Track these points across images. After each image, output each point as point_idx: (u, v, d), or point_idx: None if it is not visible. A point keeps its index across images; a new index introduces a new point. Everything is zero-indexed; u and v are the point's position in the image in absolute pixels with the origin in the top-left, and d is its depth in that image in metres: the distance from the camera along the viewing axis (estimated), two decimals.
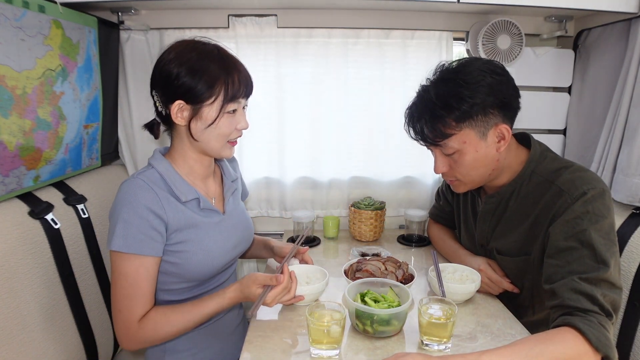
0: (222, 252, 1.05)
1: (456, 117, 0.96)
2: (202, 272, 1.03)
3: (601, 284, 0.86)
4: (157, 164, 1.00)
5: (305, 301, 1.07)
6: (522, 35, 1.48)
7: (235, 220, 1.11)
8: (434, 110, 0.98)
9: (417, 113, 1.03)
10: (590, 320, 0.82)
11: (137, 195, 0.93)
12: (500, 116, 0.98)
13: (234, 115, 0.98)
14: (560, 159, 1.06)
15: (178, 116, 0.95)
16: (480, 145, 0.99)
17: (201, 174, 1.06)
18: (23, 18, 1.00)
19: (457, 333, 0.97)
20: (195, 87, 0.92)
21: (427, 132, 1.01)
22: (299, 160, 1.67)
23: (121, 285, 0.93)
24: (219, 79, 0.93)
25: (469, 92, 0.94)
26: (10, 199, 1.04)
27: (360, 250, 1.44)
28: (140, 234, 0.92)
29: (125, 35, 1.50)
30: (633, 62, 1.27)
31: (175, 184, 0.99)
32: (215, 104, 0.94)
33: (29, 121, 1.06)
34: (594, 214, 0.91)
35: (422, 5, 1.44)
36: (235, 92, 0.95)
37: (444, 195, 1.44)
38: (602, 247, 0.89)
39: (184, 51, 0.95)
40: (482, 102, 0.95)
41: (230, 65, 0.95)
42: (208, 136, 0.97)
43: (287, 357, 0.89)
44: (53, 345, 1.05)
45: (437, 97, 0.97)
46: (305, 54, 1.57)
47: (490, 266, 1.15)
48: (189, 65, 0.92)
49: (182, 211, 0.98)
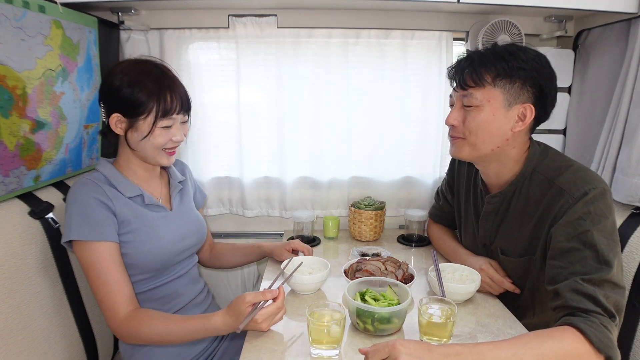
0: (171, 242, 1.10)
1: (499, 70, 0.98)
2: (153, 261, 1.07)
3: (604, 285, 0.86)
4: (102, 168, 1.08)
5: (307, 290, 1.13)
6: (522, 35, 1.48)
7: (183, 216, 1.18)
8: (486, 56, 1.01)
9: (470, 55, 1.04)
10: (592, 321, 0.81)
11: (85, 190, 1.00)
12: (533, 98, 1.00)
13: (169, 129, 1.04)
14: (562, 157, 1.06)
15: (118, 127, 1.03)
16: (499, 112, 1.00)
17: (144, 177, 1.13)
18: (23, 18, 1.01)
19: (457, 333, 0.97)
20: (130, 102, 1.00)
21: (468, 75, 1.01)
22: (299, 160, 1.67)
23: (94, 276, 0.97)
24: (151, 97, 1.00)
25: (524, 56, 0.98)
26: (11, 199, 1.04)
27: (360, 250, 1.44)
28: (95, 221, 0.98)
29: (125, 35, 1.50)
30: (633, 62, 1.27)
31: (118, 183, 1.06)
32: (149, 119, 1.01)
33: (29, 121, 1.06)
34: (595, 215, 0.91)
35: (422, 5, 1.44)
36: (167, 109, 1.01)
37: (443, 195, 1.43)
38: (604, 247, 0.89)
39: (127, 68, 1.02)
40: (528, 71, 0.97)
41: (164, 84, 1.01)
42: (144, 146, 1.04)
43: (287, 357, 0.89)
44: (53, 345, 1.05)
45: (496, 49, 1.02)
46: (305, 54, 1.57)
47: (492, 266, 1.15)
48: (128, 80, 0.99)
49: (128, 205, 1.05)
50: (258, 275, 1.80)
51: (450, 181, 1.39)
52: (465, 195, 1.29)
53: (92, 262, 0.97)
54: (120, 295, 0.97)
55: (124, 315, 0.97)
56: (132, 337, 0.98)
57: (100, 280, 0.97)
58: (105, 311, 0.98)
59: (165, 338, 0.96)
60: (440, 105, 1.64)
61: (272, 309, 0.93)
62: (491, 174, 1.12)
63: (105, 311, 0.98)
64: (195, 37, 1.55)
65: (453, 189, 1.37)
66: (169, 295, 1.13)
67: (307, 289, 1.15)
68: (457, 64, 1.06)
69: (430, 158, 1.70)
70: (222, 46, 1.57)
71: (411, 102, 1.64)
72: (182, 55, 1.55)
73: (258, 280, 1.80)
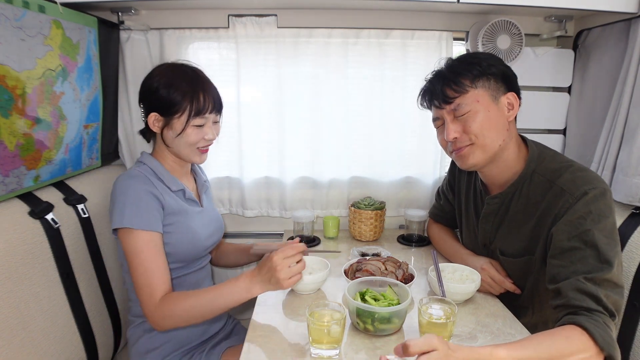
0: (204, 237, 1.19)
1: (475, 74, 1.03)
2: (188, 251, 1.16)
3: (605, 284, 0.87)
4: (148, 161, 1.16)
5: (307, 290, 1.15)
6: (522, 35, 1.48)
7: (209, 213, 1.26)
8: (455, 69, 1.06)
9: (436, 77, 1.09)
10: (595, 320, 0.82)
11: (136, 182, 1.07)
12: (509, 87, 1.06)
13: (201, 128, 1.11)
14: (560, 157, 1.07)
15: (155, 125, 1.12)
16: (492, 107, 1.03)
17: (179, 172, 1.21)
18: (23, 18, 1.01)
19: (457, 333, 0.97)
20: (166, 102, 1.08)
21: (447, 89, 1.05)
22: (299, 160, 1.67)
23: (138, 262, 1.03)
24: (185, 97, 1.07)
25: (485, 57, 1.06)
26: (11, 199, 1.04)
27: (360, 250, 1.44)
28: (148, 212, 1.05)
29: (125, 35, 1.50)
30: (633, 62, 1.27)
31: (164, 176, 1.14)
32: (182, 118, 1.09)
33: (29, 121, 1.06)
34: (596, 214, 0.92)
35: (422, 5, 1.44)
36: (200, 109, 1.09)
37: (444, 194, 1.43)
38: (605, 246, 0.89)
39: (164, 70, 1.11)
40: (495, 67, 1.04)
41: (197, 85, 1.09)
42: (178, 143, 1.12)
43: (287, 357, 0.89)
44: (53, 345, 1.05)
45: (459, 60, 1.09)
46: (305, 54, 1.57)
47: (493, 266, 1.15)
48: (164, 82, 1.08)
49: (173, 198, 1.13)
50: None
51: (452, 181, 1.39)
52: (465, 195, 1.29)
53: (138, 249, 1.03)
54: (160, 281, 1.03)
55: (160, 299, 1.02)
56: (167, 317, 1.01)
57: (144, 267, 1.02)
58: (144, 296, 1.02)
59: (200, 310, 1.01)
60: None
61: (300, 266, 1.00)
62: (491, 175, 1.12)
63: (143, 297, 1.02)
64: (195, 37, 1.55)
65: (454, 189, 1.38)
66: (193, 284, 1.21)
67: (307, 289, 1.15)
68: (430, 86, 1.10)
69: (430, 158, 1.70)
70: (222, 46, 1.57)
71: (411, 102, 1.62)
72: (182, 55, 1.55)
73: None
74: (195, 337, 1.21)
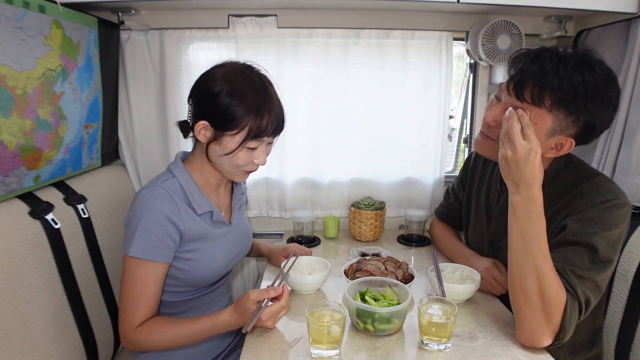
0: (225, 262, 1.12)
1: (562, 102, 0.88)
2: (204, 279, 1.09)
3: (587, 283, 0.90)
4: (179, 173, 1.03)
5: (307, 290, 1.14)
6: (522, 36, 1.49)
7: (239, 232, 1.17)
8: (559, 78, 0.87)
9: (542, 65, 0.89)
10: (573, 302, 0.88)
11: (158, 203, 0.96)
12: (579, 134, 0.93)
13: (253, 150, 0.99)
14: (587, 166, 1.07)
15: (201, 134, 0.98)
16: (540, 137, 0.90)
17: (215, 184, 1.09)
18: (23, 18, 1.01)
19: (457, 333, 0.97)
20: (224, 114, 0.93)
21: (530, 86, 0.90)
22: (299, 161, 1.67)
23: (130, 288, 0.97)
24: (248, 114, 0.93)
25: (597, 94, 0.87)
26: (11, 199, 1.04)
27: (360, 250, 1.44)
28: (158, 241, 0.95)
29: (125, 36, 1.50)
30: (633, 62, 1.27)
31: (193, 196, 1.02)
32: (237, 137, 0.95)
33: (29, 121, 1.06)
34: (608, 222, 0.92)
35: (422, 5, 1.44)
36: (260, 131, 0.95)
37: (454, 192, 1.44)
38: (604, 252, 0.91)
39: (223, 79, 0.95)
40: (591, 114, 0.88)
41: (265, 102, 0.95)
42: (222, 162, 1.00)
43: (287, 357, 0.89)
44: (53, 345, 1.05)
45: (573, 68, 0.87)
46: (305, 54, 1.57)
47: (497, 267, 1.15)
48: (229, 89, 0.93)
49: (197, 222, 1.02)
50: (258, 274, 1.80)
51: (464, 178, 1.39)
52: (477, 191, 1.29)
53: (135, 277, 0.97)
54: (143, 311, 0.98)
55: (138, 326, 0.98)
56: (142, 344, 0.98)
57: (133, 295, 0.97)
58: (123, 321, 0.98)
59: (176, 341, 0.97)
60: (441, 105, 1.64)
61: (276, 307, 0.93)
62: None
63: (123, 321, 0.98)
64: (195, 37, 1.55)
65: (465, 186, 1.37)
66: (206, 304, 1.15)
67: (307, 289, 1.15)
68: (526, 65, 0.92)
69: (430, 158, 1.70)
70: (222, 46, 1.57)
71: (411, 102, 1.64)
72: (182, 55, 1.55)
73: (258, 279, 1.80)
74: (207, 351, 1.16)
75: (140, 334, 0.97)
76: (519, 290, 0.91)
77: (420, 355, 0.90)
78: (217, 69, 0.98)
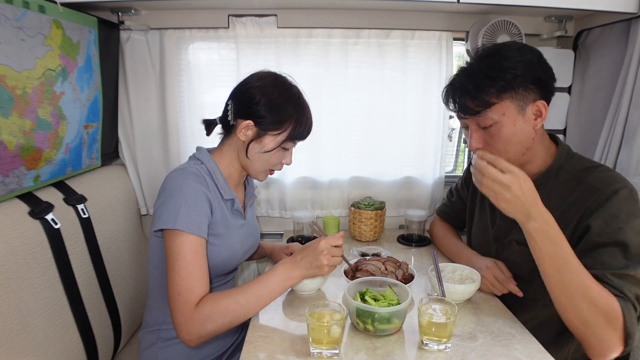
0: (240, 253, 1.15)
1: (499, 88, 0.97)
2: (223, 267, 1.11)
3: (629, 279, 0.90)
4: (206, 160, 1.08)
5: (307, 290, 1.15)
6: (522, 35, 1.48)
7: (251, 228, 1.21)
8: (478, 81, 0.99)
9: (459, 85, 1.02)
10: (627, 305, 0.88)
11: (193, 181, 1.00)
12: (538, 93, 0.99)
13: (285, 152, 1.10)
14: (587, 159, 1.08)
15: (242, 132, 1.05)
16: (518, 119, 0.99)
17: (236, 180, 1.15)
18: (23, 18, 1.01)
19: (457, 333, 0.97)
20: (269, 118, 1.03)
21: (470, 102, 1.00)
22: (299, 161, 1.66)
23: (182, 265, 0.94)
24: (290, 119, 1.04)
25: (511, 64, 0.97)
26: (11, 199, 1.04)
27: (360, 250, 1.44)
28: (200, 217, 0.98)
29: (125, 35, 1.50)
30: (633, 62, 1.27)
31: (219, 182, 1.07)
32: (279, 137, 1.05)
33: (29, 121, 1.06)
34: (628, 213, 0.94)
35: (422, 5, 1.44)
36: (298, 134, 1.07)
37: (458, 192, 1.44)
38: (635, 244, 0.92)
39: (270, 85, 1.06)
40: (522, 75, 0.96)
41: (304, 110, 1.07)
42: (258, 159, 1.08)
43: (287, 357, 0.89)
44: (53, 345, 1.05)
45: (481, 69, 1.00)
46: (305, 54, 1.57)
47: (498, 266, 1.15)
48: (271, 99, 1.03)
49: (222, 206, 1.07)
50: (258, 275, 1.80)
51: (467, 178, 1.38)
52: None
53: (185, 252, 0.95)
54: (200, 286, 0.95)
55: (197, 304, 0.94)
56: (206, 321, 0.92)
57: (188, 271, 0.94)
58: (181, 303, 0.93)
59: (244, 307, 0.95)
60: (441, 105, 1.63)
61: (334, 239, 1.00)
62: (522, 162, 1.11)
63: (180, 303, 0.93)
64: (195, 37, 1.55)
65: (469, 185, 1.37)
66: None
67: (307, 289, 1.15)
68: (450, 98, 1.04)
69: (430, 158, 1.70)
70: (222, 46, 1.57)
71: (411, 102, 1.64)
72: (182, 55, 1.55)
73: None
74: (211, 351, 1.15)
75: (202, 308, 0.92)
76: (573, 316, 0.91)
77: (420, 355, 0.90)
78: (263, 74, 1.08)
